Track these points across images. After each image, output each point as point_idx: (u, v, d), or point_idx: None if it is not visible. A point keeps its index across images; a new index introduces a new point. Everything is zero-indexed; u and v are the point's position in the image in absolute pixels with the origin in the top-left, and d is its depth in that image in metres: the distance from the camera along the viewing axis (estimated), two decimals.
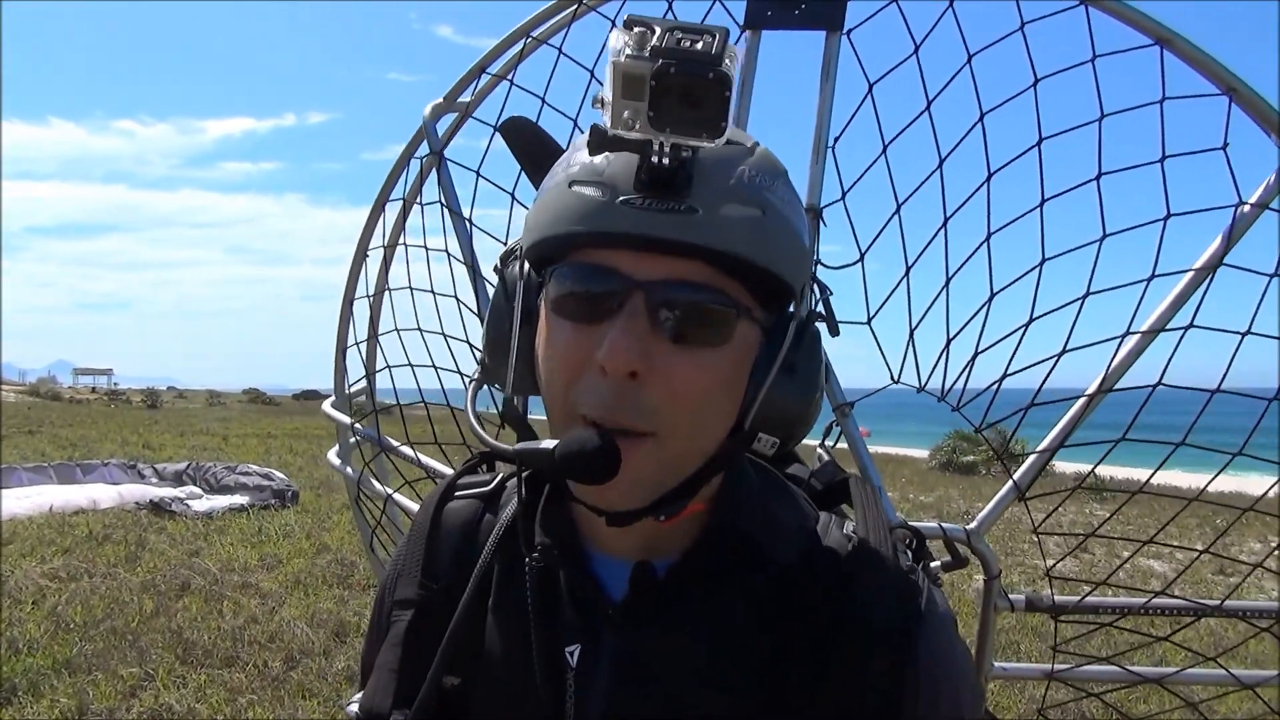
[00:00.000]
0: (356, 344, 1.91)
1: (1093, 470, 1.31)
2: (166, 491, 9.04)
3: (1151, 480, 1.37)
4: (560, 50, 1.49)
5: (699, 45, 0.56)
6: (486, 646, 0.75)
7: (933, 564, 1.17)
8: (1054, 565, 1.33)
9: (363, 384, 1.94)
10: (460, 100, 1.73)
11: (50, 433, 17.13)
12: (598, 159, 0.63)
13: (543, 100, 1.48)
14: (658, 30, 0.57)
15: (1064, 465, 8.23)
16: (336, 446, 2.04)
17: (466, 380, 0.78)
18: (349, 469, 1.96)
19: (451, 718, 0.74)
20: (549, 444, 0.63)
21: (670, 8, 1.41)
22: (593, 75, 1.42)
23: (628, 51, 0.57)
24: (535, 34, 1.55)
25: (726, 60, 0.56)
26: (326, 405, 2.02)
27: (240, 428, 21.67)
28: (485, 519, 0.81)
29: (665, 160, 0.59)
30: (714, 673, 0.68)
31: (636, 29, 0.57)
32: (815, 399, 0.68)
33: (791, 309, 0.69)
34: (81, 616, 5.01)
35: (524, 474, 0.74)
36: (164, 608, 5.26)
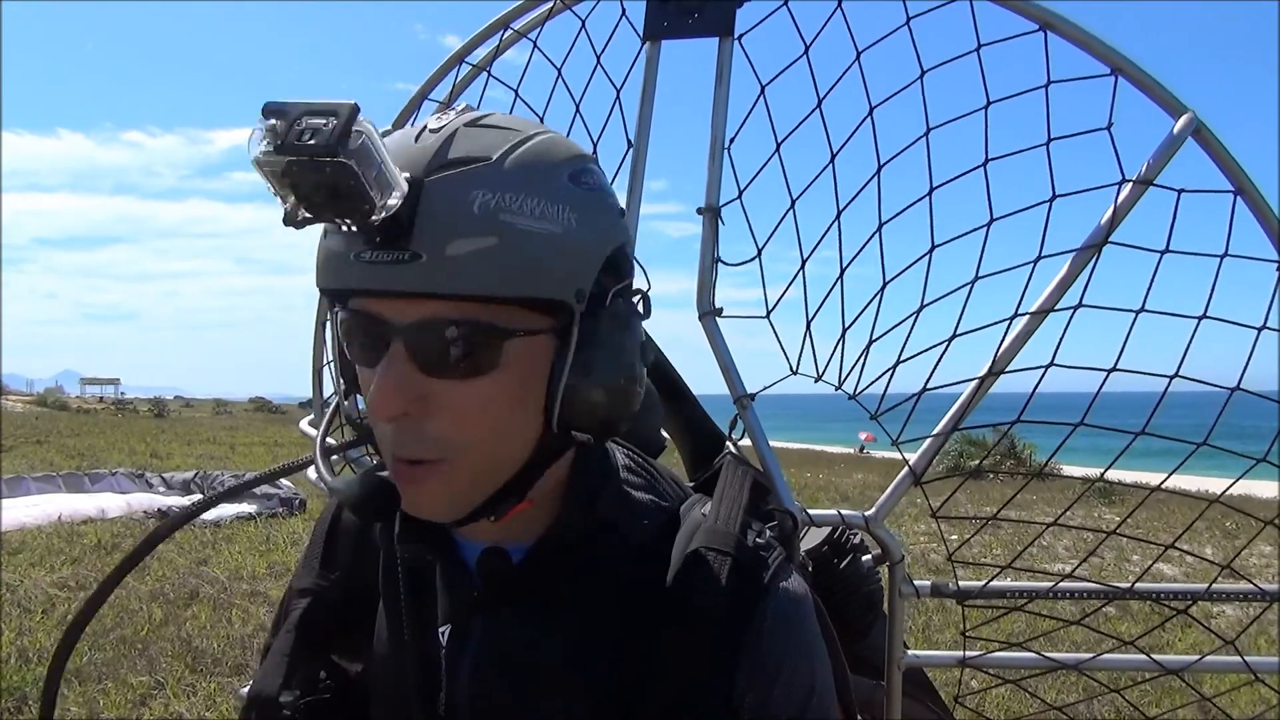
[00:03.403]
0: (328, 364, 1.93)
1: (986, 455, 1.34)
2: (174, 500, 9.02)
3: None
4: (535, 44, 1.50)
5: (316, 138, 0.54)
6: (377, 633, 0.80)
7: (864, 557, 1.20)
8: (955, 550, 1.35)
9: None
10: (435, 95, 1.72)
11: (58, 442, 17.02)
12: None
13: (515, 93, 1.49)
14: (288, 119, 0.55)
15: (1071, 469, 8.07)
16: (319, 460, 2.06)
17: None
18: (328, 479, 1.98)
19: (353, 703, 0.80)
20: (341, 483, 0.68)
21: (582, 25, 1.43)
22: (559, 74, 1.44)
23: (262, 146, 0.55)
24: (516, 26, 1.54)
25: (356, 138, 0.54)
26: (303, 424, 2.04)
27: (247, 436, 21.63)
28: None
29: (356, 227, 0.58)
30: (570, 653, 0.70)
31: (270, 120, 0.55)
32: (620, 390, 0.66)
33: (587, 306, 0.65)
34: (91, 625, 5.01)
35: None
36: (173, 616, 5.29)
